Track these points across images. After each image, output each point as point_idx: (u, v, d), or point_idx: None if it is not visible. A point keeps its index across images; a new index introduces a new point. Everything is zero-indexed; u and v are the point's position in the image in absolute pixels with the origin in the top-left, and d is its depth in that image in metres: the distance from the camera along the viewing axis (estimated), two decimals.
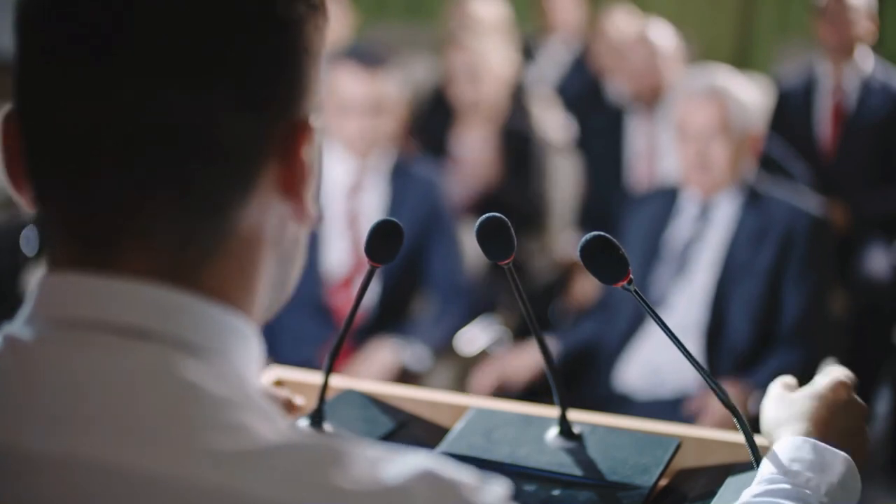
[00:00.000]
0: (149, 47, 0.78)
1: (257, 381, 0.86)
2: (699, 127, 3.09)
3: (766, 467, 1.18)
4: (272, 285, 0.88)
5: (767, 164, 3.66)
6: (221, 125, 0.79)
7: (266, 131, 0.82)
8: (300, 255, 0.91)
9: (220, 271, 0.82)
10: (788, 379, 1.32)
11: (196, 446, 0.74)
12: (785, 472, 1.16)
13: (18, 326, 0.82)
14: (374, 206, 3.42)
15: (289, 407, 1.43)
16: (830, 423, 1.22)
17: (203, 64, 0.78)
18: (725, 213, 3.13)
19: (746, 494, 1.17)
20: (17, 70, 0.82)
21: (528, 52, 5.64)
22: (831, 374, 1.29)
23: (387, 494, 0.74)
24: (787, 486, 1.15)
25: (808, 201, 3.20)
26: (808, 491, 1.14)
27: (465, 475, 0.77)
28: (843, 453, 1.19)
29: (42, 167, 0.82)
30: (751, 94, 3.19)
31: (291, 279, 0.91)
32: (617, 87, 4.92)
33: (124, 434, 0.75)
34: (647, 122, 4.34)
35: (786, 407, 1.25)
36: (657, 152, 4.32)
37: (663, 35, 4.43)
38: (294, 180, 0.84)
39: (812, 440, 1.19)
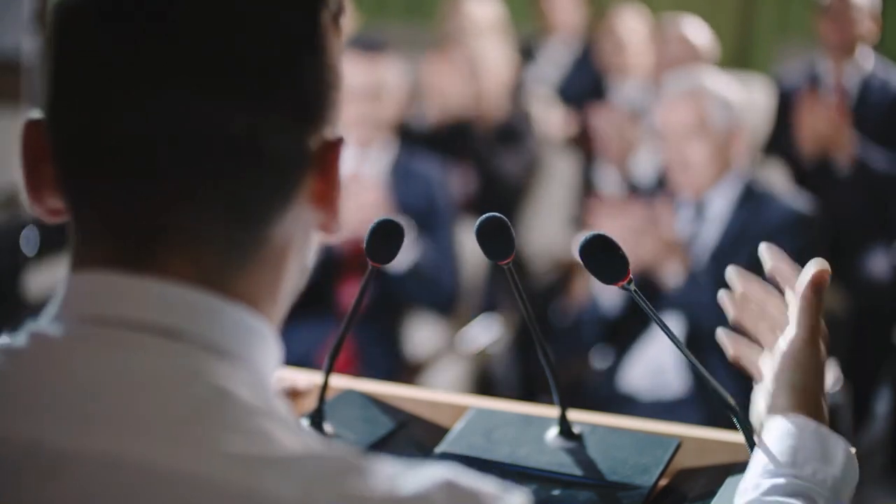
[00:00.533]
0: (205, 59, 0.79)
1: (275, 387, 0.87)
2: (675, 128, 3.11)
3: (766, 452, 1.15)
4: (292, 290, 0.89)
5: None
6: (271, 139, 0.81)
7: (308, 145, 0.84)
8: (312, 260, 0.92)
9: (252, 278, 0.83)
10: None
11: (220, 448, 0.75)
12: (791, 462, 1.13)
13: (46, 323, 0.82)
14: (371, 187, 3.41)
15: (293, 394, 1.44)
16: (810, 389, 1.18)
17: (259, 79, 0.80)
18: (719, 210, 3.15)
19: (750, 488, 1.14)
20: (56, 78, 0.82)
21: (528, 53, 5.64)
22: (799, 321, 1.21)
23: (406, 502, 0.74)
24: (793, 481, 1.12)
25: (799, 198, 3.21)
26: (815, 486, 1.12)
27: (484, 485, 0.77)
28: (843, 441, 1.16)
29: (85, 170, 0.82)
30: (733, 92, 3.21)
31: (304, 277, 0.92)
32: (632, 84, 4.94)
33: (151, 432, 0.76)
34: None
35: (800, 363, 1.19)
36: None
37: (700, 33, 4.49)
38: (330, 193, 0.86)
39: (814, 423, 1.16)
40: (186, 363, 0.79)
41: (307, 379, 1.51)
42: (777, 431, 1.16)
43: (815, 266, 1.25)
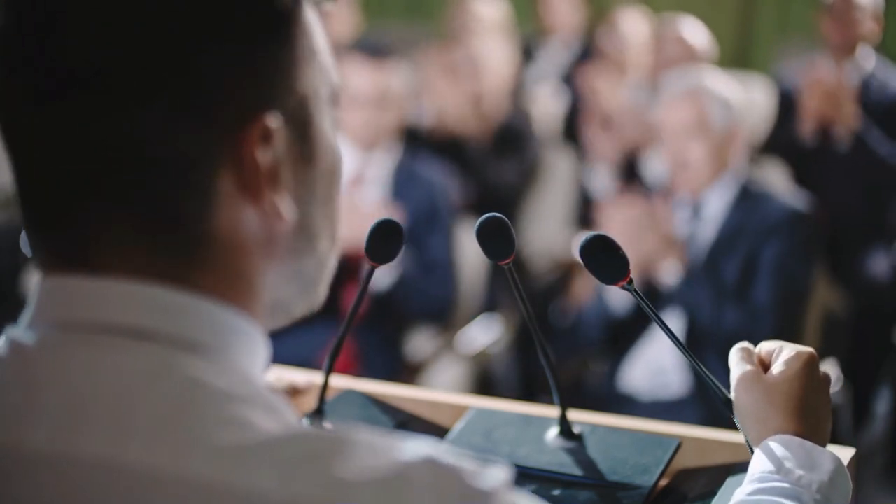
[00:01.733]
0: (88, 72, 0.79)
1: (262, 378, 0.86)
2: (675, 127, 3.12)
3: (757, 465, 1.17)
4: (284, 282, 0.88)
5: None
6: (164, 141, 0.80)
7: (214, 140, 0.81)
8: (320, 245, 0.90)
9: (209, 275, 0.83)
10: (744, 344, 1.27)
11: (197, 441, 0.75)
12: (777, 469, 1.15)
13: (21, 330, 0.83)
14: (372, 201, 3.41)
15: (292, 392, 1.44)
16: (806, 409, 1.20)
17: (134, 77, 0.79)
18: (715, 209, 3.15)
19: (739, 493, 1.16)
20: None
21: (528, 52, 5.64)
22: (797, 351, 1.23)
23: (387, 482, 0.74)
24: (779, 484, 1.14)
25: (795, 196, 3.22)
26: (800, 489, 1.13)
27: (465, 461, 0.77)
28: (831, 452, 1.18)
29: (21, 190, 0.85)
30: (733, 92, 3.21)
31: (315, 270, 0.90)
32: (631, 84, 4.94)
33: (126, 432, 0.76)
34: None
35: (762, 394, 1.21)
36: None
37: (697, 34, 4.49)
38: (249, 184, 0.83)
39: (799, 439, 1.17)
40: (158, 360, 0.79)
41: (306, 377, 1.51)
42: (766, 446, 1.18)
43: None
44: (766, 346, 1.26)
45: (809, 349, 1.24)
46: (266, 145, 0.83)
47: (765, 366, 1.24)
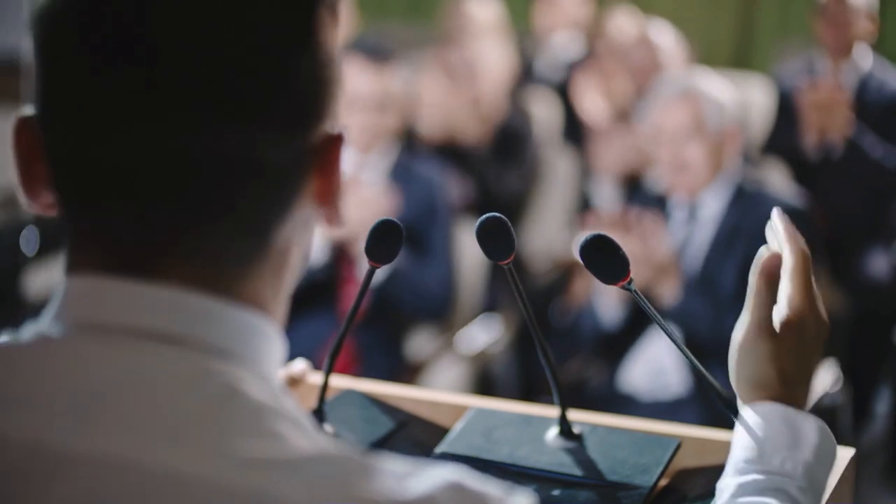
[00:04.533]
0: (189, 79, 0.78)
1: (280, 383, 0.86)
2: (673, 129, 3.12)
3: (738, 448, 1.13)
4: (293, 283, 0.89)
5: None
6: (266, 152, 0.80)
7: (305, 150, 0.83)
8: (310, 249, 0.92)
9: (256, 281, 0.83)
10: (767, 274, 1.20)
11: (229, 451, 0.75)
12: (758, 456, 1.11)
13: (46, 326, 0.82)
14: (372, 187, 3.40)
15: (291, 383, 1.44)
16: (794, 371, 1.15)
17: (244, 93, 0.79)
18: (712, 211, 3.15)
19: (724, 488, 1.11)
20: (43, 92, 0.82)
21: (528, 53, 5.63)
22: (796, 303, 1.17)
23: None
24: (760, 477, 1.10)
25: (791, 192, 3.22)
26: (783, 478, 1.09)
27: (490, 487, 0.77)
28: (815, 420, 1.13)
29: (76, 190, 0.82)
30: (726, 93, 3.22)
31: (301, 271, 0.92)
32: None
33: (154, 434, 0.75)
34: None
35: (754, 353, 1.16)
36: None
37: (664, 35, 4.45)
38: (331, 191, 0.85)
39: (781, 408, 1.12)
40: (192, 365, 0.78)
41: (299, 365, 1.51)
42: (744, 425, 1.14)
43: (766, 251, 1.21)
44: (783, 289, 1.19)
45: (806, 300, 1.18)
46: (342, 153, 0.85)
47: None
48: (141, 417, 0.76)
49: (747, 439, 1.13)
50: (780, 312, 1.17)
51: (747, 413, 1.15)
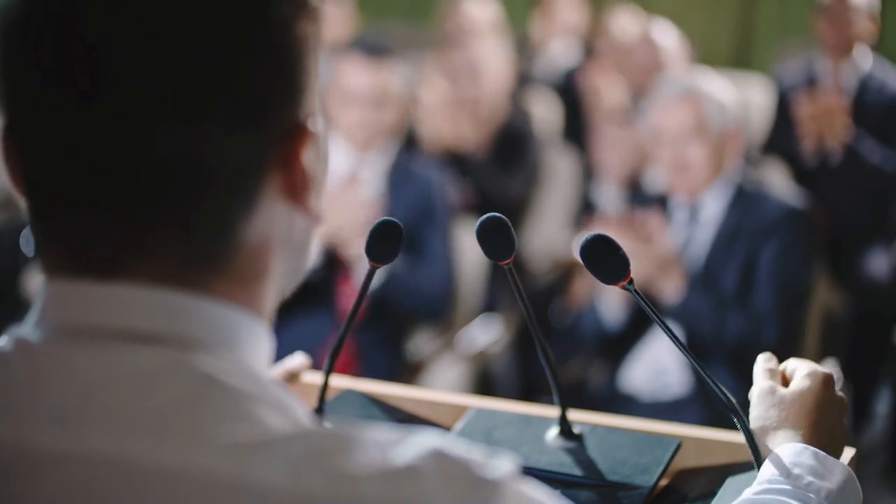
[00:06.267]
0: (132, 85, 0.78)
1: (268, 374, 0.86)
2: (674, 129, 3.12)
3: (767, 469, 1.18)
4: (282, 277, 0.88)
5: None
6: (218, 151, 0.80)
7: (264, 145, 0.82)
8: (312, 242, 0.92)
9: (230, 279, 0.83)
10: (770, 361, 1.30)
11: (206, 437, 0.75)
12: (786, 475, 1.16)
13: (27, 330, 0.83)
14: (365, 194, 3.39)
15: (290, 378, 1.44)
16: (820, 424, 1.22)
17: (191, 93, 0.78)
18: (712, 212, 3.15)
19: (748, 493, 1.17)
20: (4, 99, 0.82)
21: (528, 53, 5.63)
22: (815, 369, 1.27)
23: (396, 476, 0.75)
24: (788, 486, 1.15)
25: (791, 193, 3.22)
26: (810, 494, 1.14)
27: (473, 452, 0.78)
28: (843, 464, 1.19)
29: (39, 199, 0.82)
30: (726, 93, 3.21)
31: (304, 264, 0.92)
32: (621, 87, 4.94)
33: (134, 428, 0.76)
34: None
35: (776, 406, 1.24)
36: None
37: (667, 35, 4.45)
38: (297, 186, 0.84)
39: (812, 448, 1.19)
40: (167, 359, 0.79)
41: (298, 359, 1.51)
42: (778, 453, 1.20)
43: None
44: (790, 365, 1.29)
45: (827, 370, 1.27)
46: (309, 147, 0.84)
47: (785, 382, 1.28)
48: (121, 414, 0.76)
49: (775, 466, 1.18)
50: (796, 384, 1.26)
51: (779, 448, 1.20)
